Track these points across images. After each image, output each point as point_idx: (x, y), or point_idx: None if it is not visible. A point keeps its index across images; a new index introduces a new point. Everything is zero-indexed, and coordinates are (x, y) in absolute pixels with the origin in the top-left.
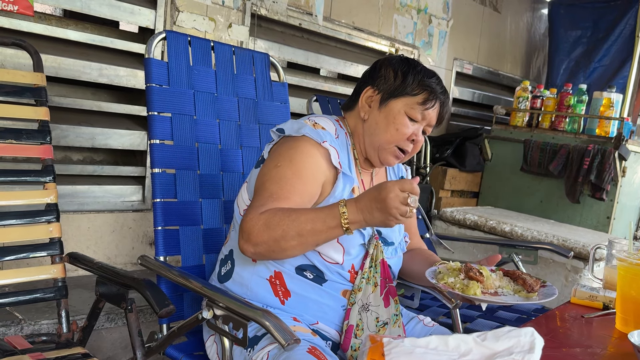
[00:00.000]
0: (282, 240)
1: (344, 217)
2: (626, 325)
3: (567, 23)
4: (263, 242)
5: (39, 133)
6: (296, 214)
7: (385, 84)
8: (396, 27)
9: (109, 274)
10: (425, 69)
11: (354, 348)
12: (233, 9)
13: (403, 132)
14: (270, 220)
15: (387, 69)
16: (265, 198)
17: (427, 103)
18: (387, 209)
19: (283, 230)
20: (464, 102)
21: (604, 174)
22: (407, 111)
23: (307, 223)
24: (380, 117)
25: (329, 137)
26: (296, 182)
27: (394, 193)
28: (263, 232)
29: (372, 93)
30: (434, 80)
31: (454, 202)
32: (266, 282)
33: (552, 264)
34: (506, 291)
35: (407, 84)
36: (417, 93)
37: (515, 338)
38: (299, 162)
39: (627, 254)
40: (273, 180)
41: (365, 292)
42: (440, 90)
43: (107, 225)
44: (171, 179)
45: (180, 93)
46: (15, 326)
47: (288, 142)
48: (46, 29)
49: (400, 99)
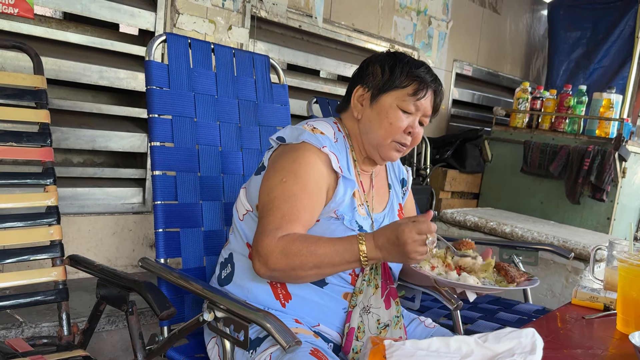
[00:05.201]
0: (299, 270)
1: (363, 255)
2: (627, 326)
3: (566, 24)
4: (280, 270)
5: (40, 136)
6: (315, 246)
7: (374, 80)
8: (396, 29)
9: (110, 277)
10: (412, 59)
11: (356, 350)
12: (233, 11)
13: (397, 125)
14: (288, 249)
15: (374, 65)
16: (278, 220)
17: (419, 93)
18: (407, 253)
19: (301, 261)
20: (463, 104)
21: (604, 174)
22: (399, 104)
23: (325, 257)
24: (373, 114)
25: (328, 142)
26: (304, 199)
27: (411, 239)
28: (281, 260)
29: (362, 92)
30: (423, 69)
31: (454, 204)
32: (267, 285)
33: (553, 265)
34: (488, 281)
35: (395, 77)
36: (406, 85)
37: (517, 339)
38: (304, 175)
39: (628, 255)
40: (281, 198)
41: (366, 295)
42: (431, 78)
43: (107, 227)
44: (172, 181)
45: (181, 95)
46: (16, 329)
47: (289, 152)
48: (46, 31)
49: (390, 93)
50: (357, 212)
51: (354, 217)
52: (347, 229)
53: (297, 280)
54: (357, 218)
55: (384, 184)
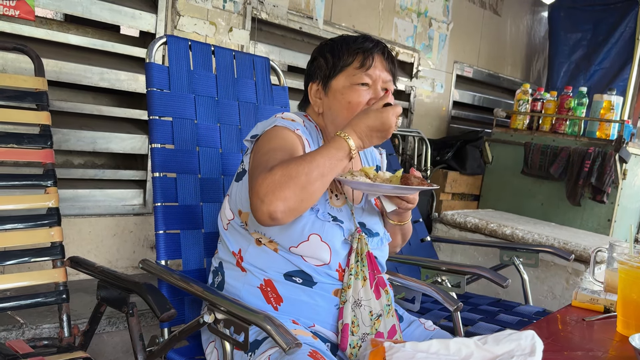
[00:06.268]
0: (308, 185)
1: (353, 150)
2: (627, 329)
3: (567, 26)
4: (290, 195)
5: (41, 137)
6: (310, 156)
7: (321, 71)
8: (396, 31)
9: (110, 278)
10: (350, 37)
11: (352, 345)
12: (234, 13)
13: (357, 101)
14: (287, 171)
15: (317, 58)
16: (263, 165)
17: (365, 63)
18: (388, 133)
19: (306, 174)
20: (464, 105)
21: (604, 176)
22: (352, 81)
23: (324, 159)
24: (330, 100)
25: (301, 128)
26: (283, 148)
27: (394, 122)
28: (285, 184)
29: (316, 86)
30: (360, 39)
31: (455, 205)
32: (257, 290)
33: (553, 267)
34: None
35: (337, 60)
36: (351, 61)
37: (516, 341)
38: (279, 136)
39: (628, 257)
40: (260, 155)
41: (355, 288)
42: (372, 44)
43: (108, 229)
44: (172, 182)
45: (181, 97)
46: (16, 330)
47: (264, 137)
48: (47, 33)
49: (339, 75)
50: (329, 203)
51: (326, 209)
52: (321, 220)
53: (310, 201)
54: (330, 210)
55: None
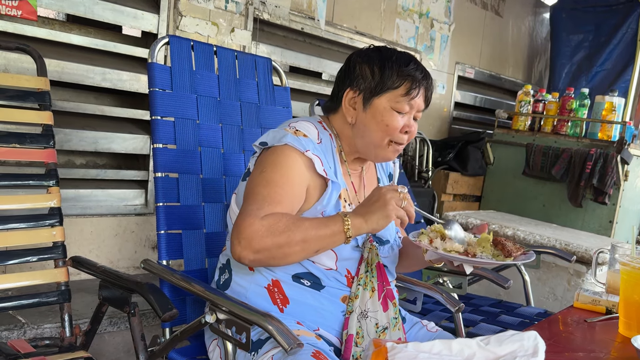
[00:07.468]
0: (286, 247)
1: (346, 223)
2: (629, 330)
3: (569, 27)
4: (265, 249)
5: (43, 137)
6: (300, 220)
7: (364, 82)
8: (398, 31)
9: (112, 278)
10: (400, 55)
11: (356, 357)
12: (236, 13)
13: (394, 126)
14: (274, 227)
15: (362, 66)
16: (259, 202)
17: (411, 92)
18: (388, 208)
19: (288, 236)
20: (466, 106)
21: (606, 178)
22: (393, 106)
23: (311, 229)
24: (368, 117)
25: (312, 145)
26: (285, 185)
27: (390, 195)
28: (266, 238)
29: (353, 94)
30: (412, 66)
31: (456, 206)
32: (264, 291)
33: (555, 268)
34: (485, 255)
35: (386, 79)
36: (398, 85)
37: (519, 342)
38: (284, 165)
39: (630, 258)
40: (262, 184)
41: (362, 299)
42: (421, 75)
43: (110, 229)
44: (174, 183)
45: (183, 97)
46: (18, 330)
47: (271, 154)
48: (50, 33)
49: (383, 95)
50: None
51: None
52: None
53: (282, 261)
54: None
55: (374, 180)
